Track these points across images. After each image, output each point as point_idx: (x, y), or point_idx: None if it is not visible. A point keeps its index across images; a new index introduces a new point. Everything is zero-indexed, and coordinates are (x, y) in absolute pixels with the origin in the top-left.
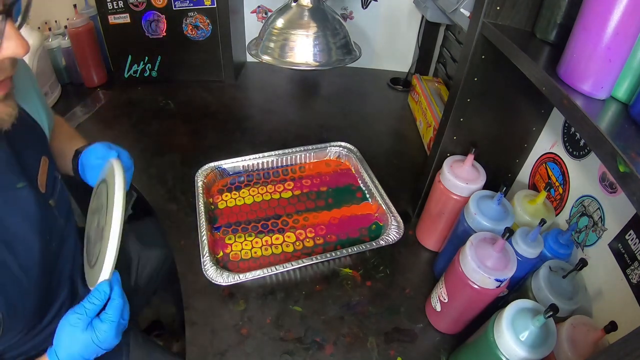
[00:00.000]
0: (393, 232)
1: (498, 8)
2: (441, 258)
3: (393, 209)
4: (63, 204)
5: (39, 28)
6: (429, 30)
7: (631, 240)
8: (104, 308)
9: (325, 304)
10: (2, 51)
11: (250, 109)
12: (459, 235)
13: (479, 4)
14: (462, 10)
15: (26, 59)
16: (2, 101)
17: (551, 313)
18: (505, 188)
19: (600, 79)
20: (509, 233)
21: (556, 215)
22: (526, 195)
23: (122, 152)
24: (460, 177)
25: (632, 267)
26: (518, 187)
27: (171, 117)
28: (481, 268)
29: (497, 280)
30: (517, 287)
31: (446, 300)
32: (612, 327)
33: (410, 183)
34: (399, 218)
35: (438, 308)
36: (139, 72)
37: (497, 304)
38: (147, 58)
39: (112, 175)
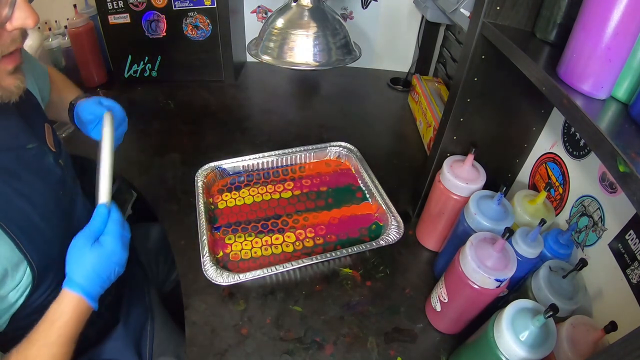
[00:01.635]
0: (393, 232)
1: (498, 8)
2: (441, 258)
3: (393, 209)
4: (69, 166)
5: (39, 28)
6: (429, 30)
7: (631, 240)
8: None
9: (325, 304)
10: (13, 21)
11: (250, 109)
12: (459, 235)
13: (479, 4)
14: (462, 10)
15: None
16: (13, 74)
17: (551, 313)
18: (505, 188)
19: (600, 79)
20: (509, 233)
21: (556, 215)
22: (526, 195)
23: (114, 106)
24: (460, 177)
25: (632, 267)
26: (518, 187)
27: (171, 117)
28: (481, 268)
29: (497, 280)
30: (517, 287)
31: (446, 300)
32: (612, 327)
33: (410, 183)
34: (399, 218)
35: (438, 308)
36: (139, 72)
37: (497, 304)
38: (147, 58)
39: (104, 125)
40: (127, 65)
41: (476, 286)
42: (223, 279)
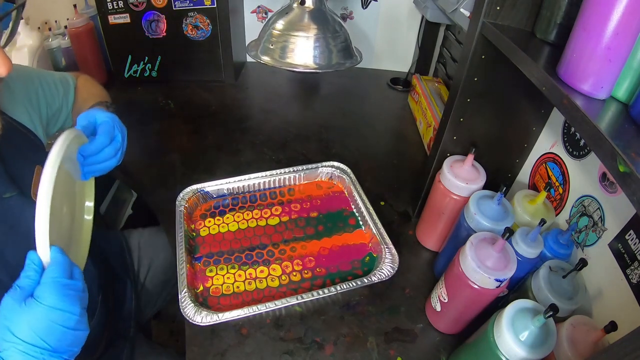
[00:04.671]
0: (387, 267)
1: (498, 8)
2: (441, 258)
3: (387, 239)
4: None
5: (39, 28)
6: (429, 30)
7: (631, 240)
8: None
9: (325, 304)
10: None
11: (250, 109)
12: (459, 235)
13: (479, 4)
14: (462, 10)
15: (26, 59)
16: None
17: (551, 313)
18: (505, 188)
19: (600, 79)
20: (509, 233)
21: (556, 215)
22: (526, 195)
23: (104, 121)
24: (460, 177)
25: (632, 267)
26: (518, 187)
27: (171, 117)
28: (481, 268)
29: (497, 280)
30: (517, 287)
31: (446, 300)
32: (612, 327)
33: (410, 183)
34: (393, 250)
35: (438, 308)
36: (139, 72)
37: (497, 304)
38: (147, 58)
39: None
40: (127, 65)
41: (476, 286)
42: (201, 318)
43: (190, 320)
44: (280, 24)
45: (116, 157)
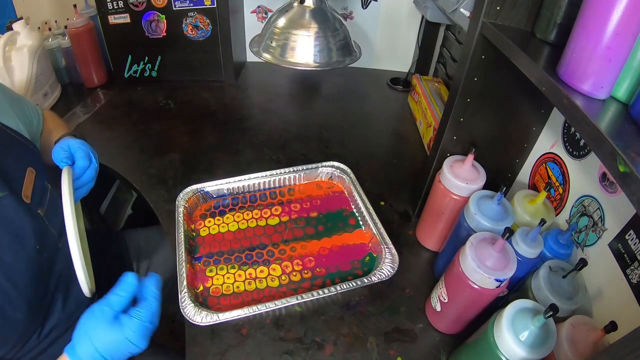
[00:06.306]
0: (387, 267)
1: (498, 8)
2: (441, 258)
3: (387, 239)
4: (55, 215)
5: (39, 28)
6: (429, 30)
7: (631, 240)
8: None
9: (325, 304)
10: None
11: (250, 109)
12: (459, 235)
13: (479, 4)
14: (462, 10)
15: (26, 59)
16: None
17: (551, 313)
18: (505, 188)
19: (600, 79)
20: (509, 233)
21: (556, 215)
22: (526, 195)
23: (78, 150)
24: (460, 177)
25: (632, 267)
26: (518, 187)
27: (171, 117)
28: (481, 268)
29: (497, 280)
30: (517, 287)
31: (446, 300)
32: (612, 327)
33: (410, 183)
34: (393, 250)
35: (438, 308)
36: (139, 72)
37: (497, 304)
38: (147, 58)
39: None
40: (127, 65)
41: (476, 286)
42: (201, 318)
43: (190, 321)
44: (281, 22)
45: (95, 178)
